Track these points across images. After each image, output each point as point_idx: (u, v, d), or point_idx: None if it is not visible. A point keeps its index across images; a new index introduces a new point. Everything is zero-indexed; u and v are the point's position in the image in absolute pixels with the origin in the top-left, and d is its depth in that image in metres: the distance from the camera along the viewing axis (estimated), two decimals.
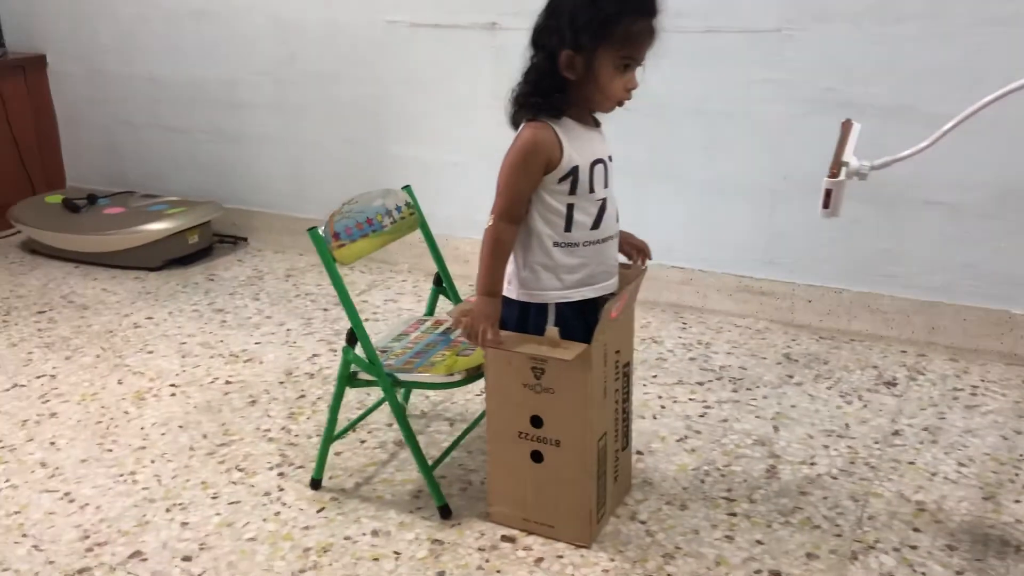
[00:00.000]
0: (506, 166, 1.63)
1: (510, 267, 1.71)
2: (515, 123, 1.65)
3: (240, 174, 3.66)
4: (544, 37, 1.58)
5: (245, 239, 3.70)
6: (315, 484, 2.00)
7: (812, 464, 2.05)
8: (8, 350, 2.72)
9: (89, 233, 3.41)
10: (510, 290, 1.72)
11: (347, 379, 1.89)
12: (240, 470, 2.07)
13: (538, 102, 1.60)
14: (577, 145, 1.61)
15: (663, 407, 2.32)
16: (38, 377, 2.55)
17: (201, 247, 3.50)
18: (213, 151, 3.69)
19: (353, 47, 3.23)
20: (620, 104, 1.61)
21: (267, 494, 1.98)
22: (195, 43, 3.54)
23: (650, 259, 1.88)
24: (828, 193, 1.43)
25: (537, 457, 1.75)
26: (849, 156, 1.47)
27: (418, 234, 2.11)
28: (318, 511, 1.91)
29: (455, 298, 2.11)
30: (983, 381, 2.41)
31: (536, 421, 1.72)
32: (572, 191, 1.63)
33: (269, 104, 3.48)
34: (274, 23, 3.34)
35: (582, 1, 1.53)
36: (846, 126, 1.54)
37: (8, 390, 2.47)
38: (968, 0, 2.33)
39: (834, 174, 1.42)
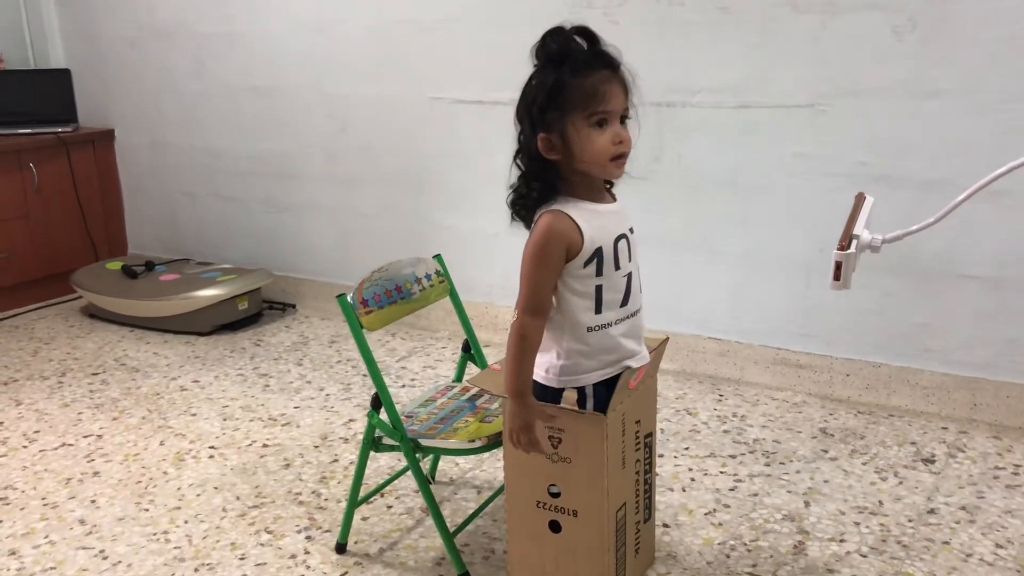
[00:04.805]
0: (526, 258, 1.59)
1: (546, 356, 1.68)
2: (525, 223, 1.63)
3: (291, 243, 3.79)
4: (522, 137, 1.58)
5: (294, 306, 3.80)
6: (340, 548, 2.02)
7: (842, 541, 2.01)
8: (60, 410, 2.83)
9: (144, 299, 3.54)
10: (548, 379, 1.68)
11: (371, 443, 1.93)
12: (269, 532, 2.11)
13: (535, 196, 1.58)
14: (597, 225, 1.59)
15: (693, 479, 2.30)
16: (85, 436, 2.64)
17: (251, 313, 3.61)
18: (266, 220, 3.83)
19: (399, 122, 3.35)
20: (618, 160, 1.56)
21: (293, 556, 2.01)
22: (251, 118, 3.71)
23: None
24: (838, 265, 1.44)
25: (555, 527, 1.75)
26: (860, 229, 1.47)
27: None
28: (341, 575, 1.93)
29: (482, 364, 2.14)
30: None
31: (554, 491, 1.73)
32: (599, 272, 1.60)
33: (319, 176, 3.61)
34: (325, 99, 3.49)
35: (533, 85, 1.54)
36: (859, 199, 1.55)
37: (56, 448, 2.56)
38: (998, 76, 2.34)
39: (843, 246, 1.43)
